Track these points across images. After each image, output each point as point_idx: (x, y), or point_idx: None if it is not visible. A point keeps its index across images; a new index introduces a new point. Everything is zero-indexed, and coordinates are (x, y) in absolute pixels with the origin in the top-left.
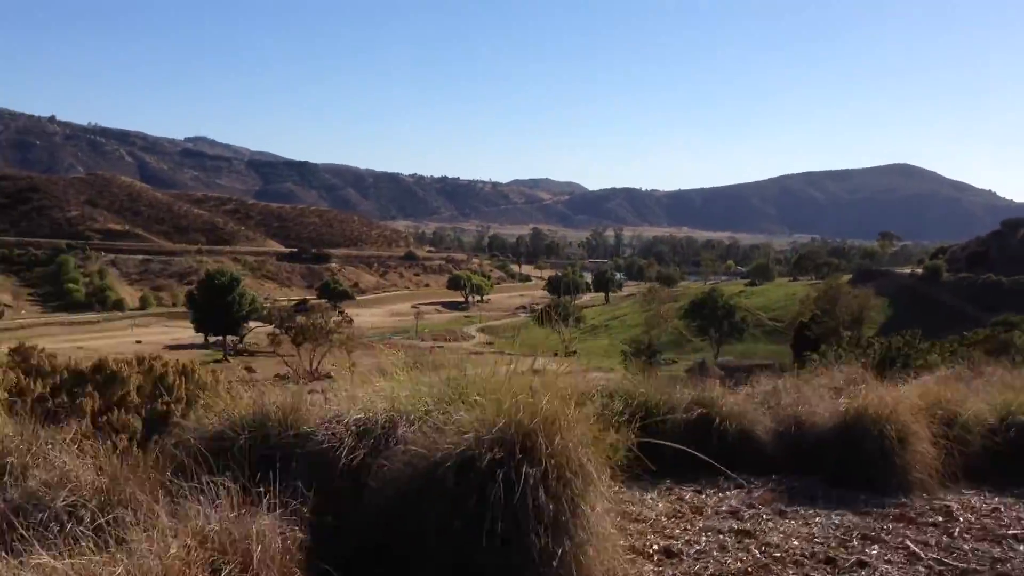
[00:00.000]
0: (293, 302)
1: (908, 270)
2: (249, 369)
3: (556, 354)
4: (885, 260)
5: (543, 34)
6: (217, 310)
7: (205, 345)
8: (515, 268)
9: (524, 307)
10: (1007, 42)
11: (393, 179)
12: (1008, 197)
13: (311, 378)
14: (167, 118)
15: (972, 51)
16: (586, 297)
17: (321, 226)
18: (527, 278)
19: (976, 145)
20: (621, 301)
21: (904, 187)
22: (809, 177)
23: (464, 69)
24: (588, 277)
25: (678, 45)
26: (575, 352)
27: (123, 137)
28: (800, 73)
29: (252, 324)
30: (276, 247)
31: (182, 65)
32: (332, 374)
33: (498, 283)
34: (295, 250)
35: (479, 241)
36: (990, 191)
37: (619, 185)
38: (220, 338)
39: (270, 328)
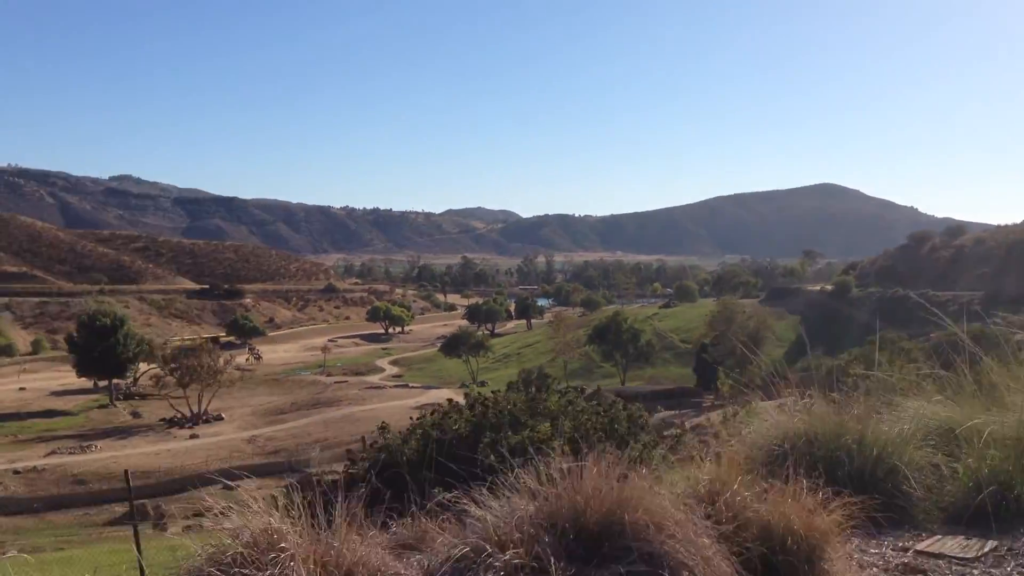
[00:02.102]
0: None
1: (819, 287)
2: (135, 414)
3: (463, 385)
4: (807, 278)
5: (474, 64)
6: (100, 353)
7: (95, 390)
8: (441, 298)
9: (445, 337)
10: (925, 65)
11: (324, 212)
12: (929, 212)
13: (198, 421)
14: (91, 157)
15: (892, 74)
16: (509, 325)
17: (237, 261)
18: (452, 307)
19: (897, 163)
20: (543, 328)
21: (830, 206)
22: (738, 199)
23: (396, 99)
24: (512, 304)
25: (607, 74)
26: (484, 383)
27: (43, 178)
28: (727, 97)
29: (144, 366)
30: (187, 284)
31: (107, 103)
32: (223, 416)
33: (422, 313)
34: (206, 286)
35: (410, 272)
36: (912, 207)
37: (552, 212)
38: (111, 382)
39: (154, 370)
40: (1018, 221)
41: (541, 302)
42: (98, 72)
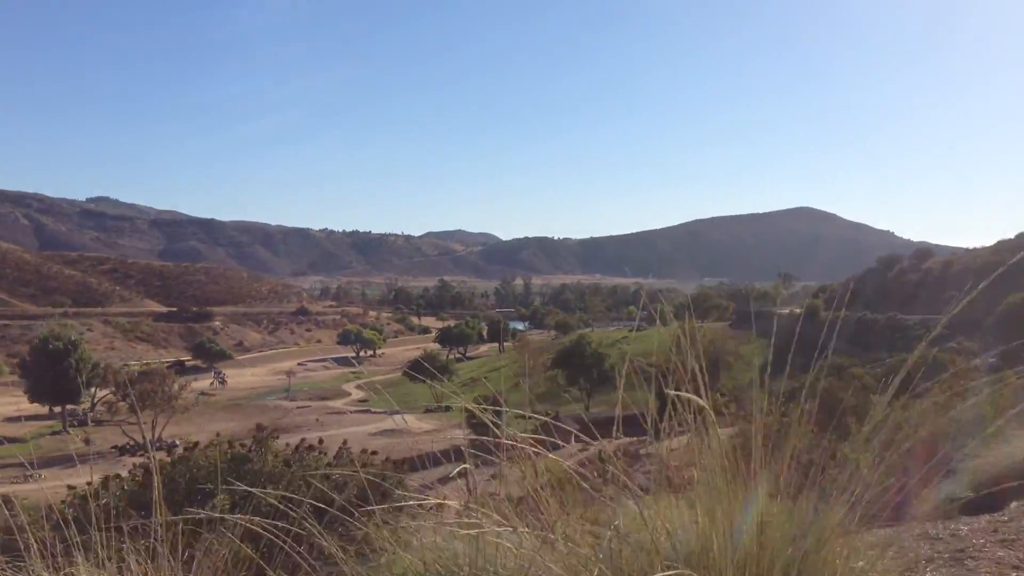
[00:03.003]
0: (165, 363)
1: (788, 311)
2: (88, 441)
3: (427, 410)
4: (783, 301)
5: (454, 84)
6: (53, 378)
7: (50, 416)
8: (415, 321)
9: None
10: (901, 88)
11: (303, 234)
12: (905, 236)
13: (152, 448)
14: (69, 179)
15: (869, 99)
16: (483, 348)
17: (207, 283)
18: (427, 330)
19: (874, 187)
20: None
21: (806, 229)
22: (718, 222)
23: (377, 122)
24: (484, 327)
25: (587, 96)
26: (448, 408)
27: (19, 199)
28: (707, 122)
29: (101, 392)
30: (155, 307)
31: (86, 124)
32: (177, 443)
33: (395, 336)
34: (174, 309)
35: (387, 295)
36: (888, 231)
37: (532, 234)
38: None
39: (107, 395)
40: (988, 244)
41: (518, 325)
42: (77, 93)
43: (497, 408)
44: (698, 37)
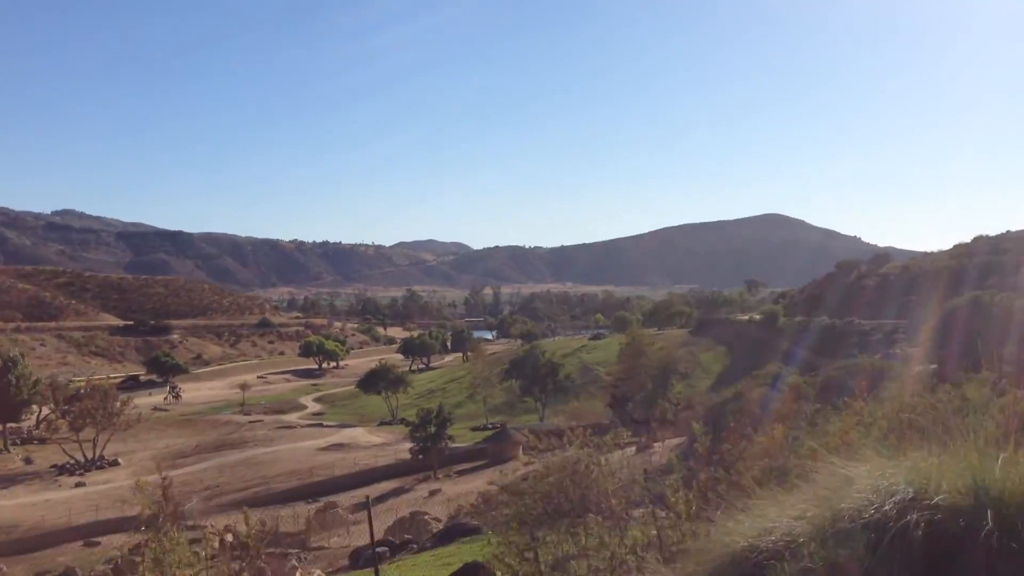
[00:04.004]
0: (121, 378)
1: (747, 317)
2: (28, 460)
3: (382, 423)
4: (749, 307)
5: (422, 94)
6: None
7: None
8: (381, 331)
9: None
10: (867, 96)
11: (273, 245)
12: (872, 242)
13: (92, 467)
14: (34, 192)
15: (834, 103)
16: (447, 358)
17: (167, 296)
18: (392, 341)
19: (841, 193)
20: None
21: (775, 235)
22: (687, 229)
23: (347, 132)
24: (449, 337)
25: (556, 104)
26: (403, 421)
27: None
28: (674, 127)
29: (45, 409)
30: (111, 320)
31: (49, 136)
32: (119, 461)
33: (360, 347)
34: (131, 323)
35: (355, 305)
36: (855, 237)
37: (503, 243)
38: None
39: (46, 412)
40: (946, 248)
41: (486, 334)
42: (42, 105)
43: (442, 421)
44: (669, 46)
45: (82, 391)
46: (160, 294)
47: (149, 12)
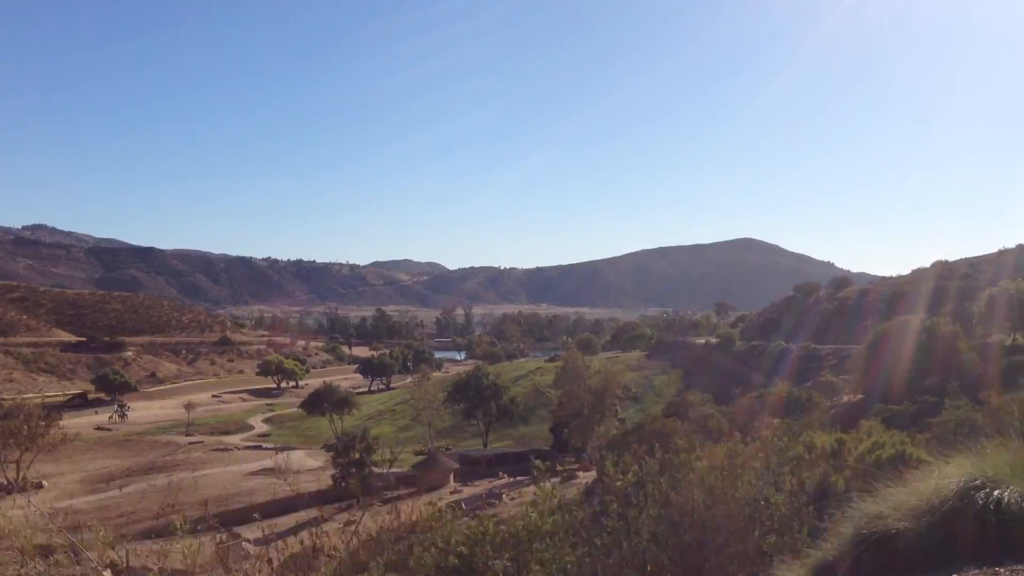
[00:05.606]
0: (68, 396)
1: (703, 340)
2: None
3: (326, 447)
4: (714, 330)
5: (397, 113)
6: None
7: None
8: (346, 350)
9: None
10: (841, 121)
11: (246, 263)
12: (845, 267)
13: (13, 490)
14: (3, 206)
15: (807, 129)
16: (409, 379)
17: (124, 312)
18: (356, 360)
19: (815, 219)
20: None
21: (749, 260)
22: (663, 252)
23: (322, 150)
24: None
25: (530, 125)
26: (324, 446)
27: None
28: (650, 151)
29: None
30: (64, 336)
31: (21, 150)
32: (44, 483)
33: (323, 367)
34: (84, 339)
35: (324, 324)
36: (828, 262)
37: (479, 264)
38: None
39: None
40: (905, 273)
41: (455, 355)
42: (13, 118)
43: (366, 447)
44: (646, 74)
45: (6, 411)
46: (117, 310)
47: (121, 27)
